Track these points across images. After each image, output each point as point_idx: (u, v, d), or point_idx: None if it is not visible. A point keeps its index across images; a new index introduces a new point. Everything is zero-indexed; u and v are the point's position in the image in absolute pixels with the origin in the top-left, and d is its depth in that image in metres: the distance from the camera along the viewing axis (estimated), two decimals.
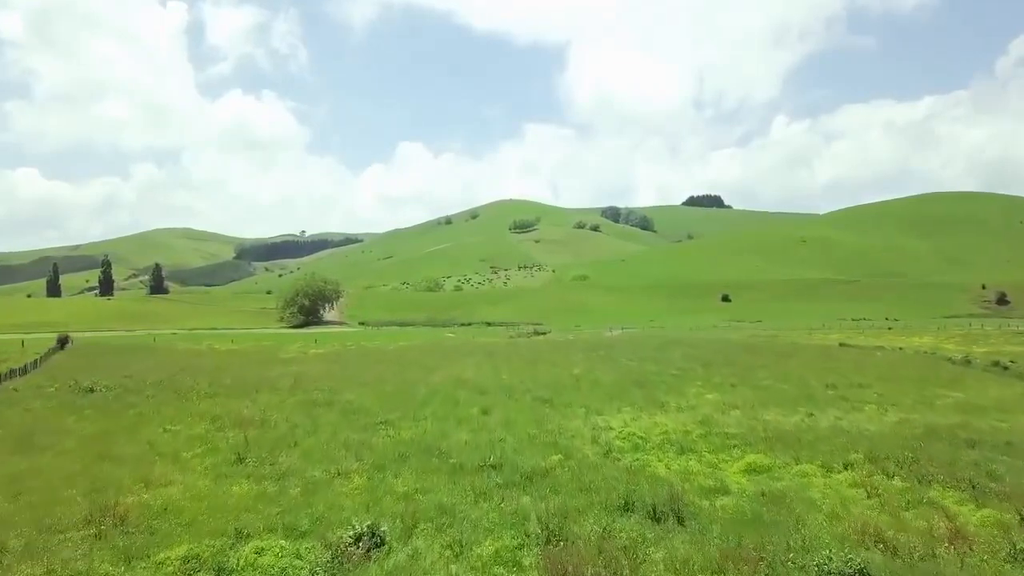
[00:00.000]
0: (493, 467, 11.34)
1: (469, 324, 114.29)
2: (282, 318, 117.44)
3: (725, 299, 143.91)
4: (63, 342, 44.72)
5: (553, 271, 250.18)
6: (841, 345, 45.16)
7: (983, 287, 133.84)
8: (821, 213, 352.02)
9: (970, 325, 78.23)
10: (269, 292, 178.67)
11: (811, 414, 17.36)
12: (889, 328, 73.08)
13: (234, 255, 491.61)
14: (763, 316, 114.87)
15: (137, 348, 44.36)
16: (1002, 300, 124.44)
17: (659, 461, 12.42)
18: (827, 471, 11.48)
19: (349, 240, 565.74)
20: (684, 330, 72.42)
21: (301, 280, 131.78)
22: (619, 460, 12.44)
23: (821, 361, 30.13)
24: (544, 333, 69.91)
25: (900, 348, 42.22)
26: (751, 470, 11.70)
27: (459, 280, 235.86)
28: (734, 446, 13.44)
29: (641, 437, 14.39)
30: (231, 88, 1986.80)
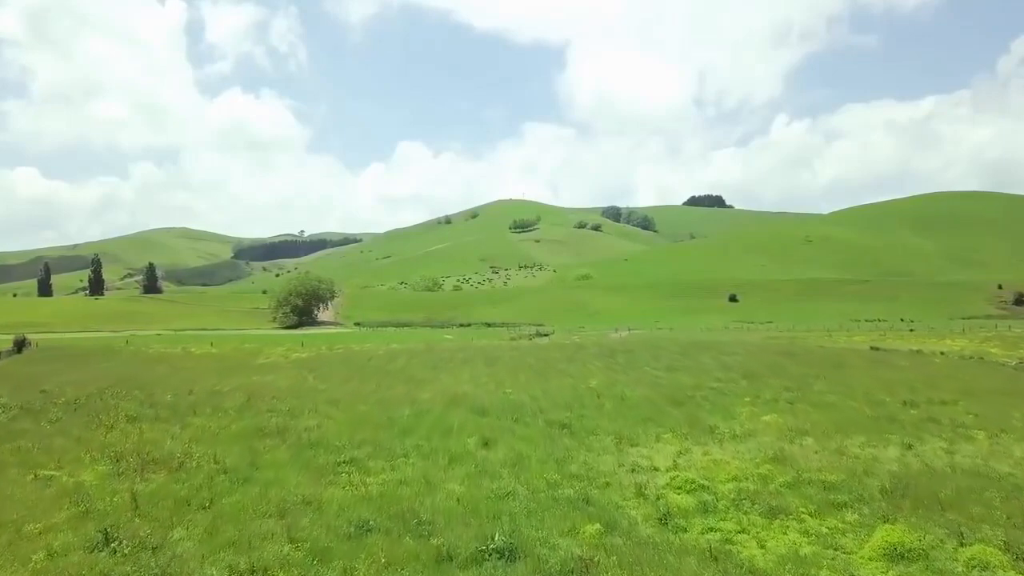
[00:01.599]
0: (499, 553, 7.29)
1: (468, 325, 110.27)
2: (275, 318, 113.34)
3: (732, 299, 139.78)
4: (20, 345, 40.61)
5: (554, 271, 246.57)
6: (872, 348, 41.14)
7: (999, 287, 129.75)
8: (824, 213, 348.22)
9: (996, 327, 74.21)
10: (265, 292, 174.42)
11: (909, 445, 13.29)
12: (911, 330, 69.10)
13: (232, 255, 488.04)
14: (773, 317, 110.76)
15: (100, 351, 40.25)
16: (1020, 300, 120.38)
17: (744, 534, 8.33)
18: (1016, 559, 7.43)
19: (348, 240, 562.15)
20: (696, 332, 68.35)
21: (295, 279, 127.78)
22: (685, 531, 8.37)
23: (876, 369, 26.00)
24: (547, 335, 65.81)
25: (941, 352, 38.16)
26: (894, 554, 7.61)
27: (458, 280, 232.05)
28: (843, 504, 9.33)
29: (703, 486, 10.32)
30: (230, 87, 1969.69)
